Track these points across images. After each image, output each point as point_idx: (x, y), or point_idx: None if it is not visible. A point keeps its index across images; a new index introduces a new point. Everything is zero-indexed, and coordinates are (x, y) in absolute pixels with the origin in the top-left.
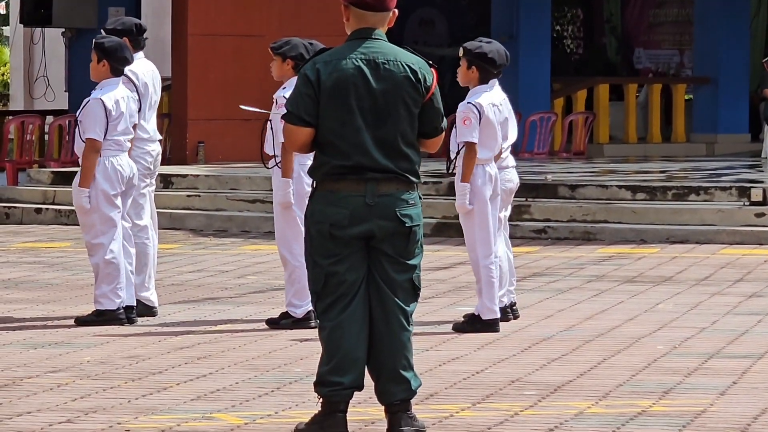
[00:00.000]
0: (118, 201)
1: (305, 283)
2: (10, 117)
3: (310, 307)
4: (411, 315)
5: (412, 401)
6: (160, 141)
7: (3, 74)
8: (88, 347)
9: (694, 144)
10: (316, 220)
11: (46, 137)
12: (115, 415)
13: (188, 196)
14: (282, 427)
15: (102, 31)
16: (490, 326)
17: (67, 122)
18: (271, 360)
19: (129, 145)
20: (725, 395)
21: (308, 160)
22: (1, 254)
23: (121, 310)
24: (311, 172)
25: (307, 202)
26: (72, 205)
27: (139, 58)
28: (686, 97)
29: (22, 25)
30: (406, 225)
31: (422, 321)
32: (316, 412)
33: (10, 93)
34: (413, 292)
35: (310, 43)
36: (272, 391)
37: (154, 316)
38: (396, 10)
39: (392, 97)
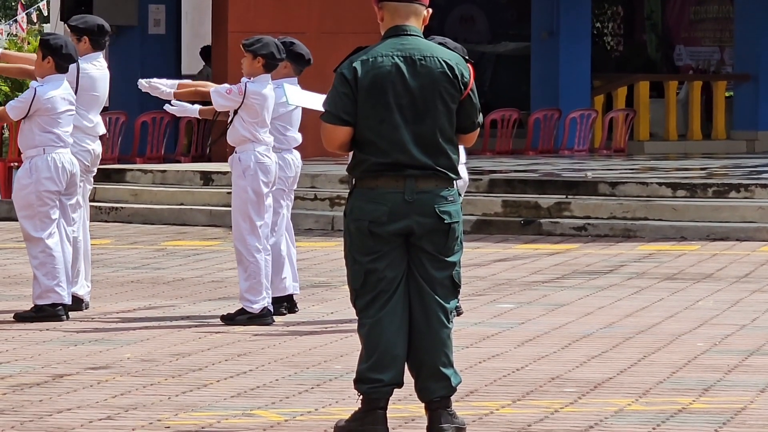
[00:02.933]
0: (58, 198)
1: (261, 279)
2: None
3: (266, 304)
4: (451, 312)
5: (452, 398)
6: (102, 137)
7: None
8: (129, 344)
9: (735, 141)
10: (355, 217)
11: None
12: (156, 412)
13: (228, 193)
14: (322, 424)
15: (66, 25)
16: None
17: (107, 119)
18: (311, 357)
19: (71, 140)
20: (765, 392)
21: (265, 156)
22: None
23: (61, 306)
24: (350, 170)
25: (256, 199)
26: (112, 203)
27: (97, 58)
28: (727, 94)
29: (62, 23)
30: (446, 222)
31: (462, 318)
32: (356, 409)
33: None
34: (453, 289)
35: (292, 42)
36: (312, 388)
37: (81, 310)
38: (430, 9)
39: (430, 93)
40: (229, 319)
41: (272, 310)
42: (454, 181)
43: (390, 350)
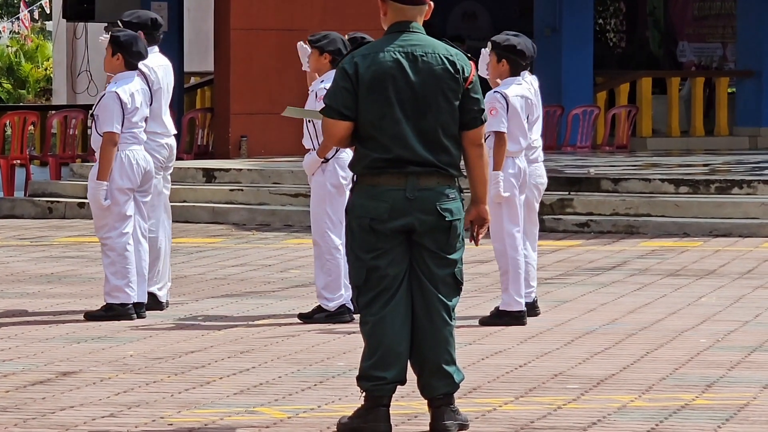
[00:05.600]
0: (132, 195)
1: (338, 277)
2: (53, 112)
3: (343, 301)
4: (453, 309)
5: (455, 395)
6: (174, 135)
7: (46, 69)
8: (131, 341)
9: (737, 137)
10: (357, 215)
11: (89, 132)
12: (158, 409)
13: (231, 190)
14: (325, 421)
15: (119, 22)
16: (518, 319)
17: None
18: (313, 354)
19: (144, 137)
20: None
21: (342, 152)
22: (44, 249)
23: (131, 305)
24: (351, 166)
25: (336, 192)
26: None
27: (154, 52)
28: (729, 90)
29: (65, 20)
30: (447, 219)
31: (465, 315)
32: (359, 406)
33: (53, 88)
34: (455, 286)
35: (362, 38)
36: (315, 385)
37: (161, 309)
38: (431, 3)
39: (431, 88)
40: (306, 318)
41: (351, 309)
42: (456, 179)
43: (393, 348)
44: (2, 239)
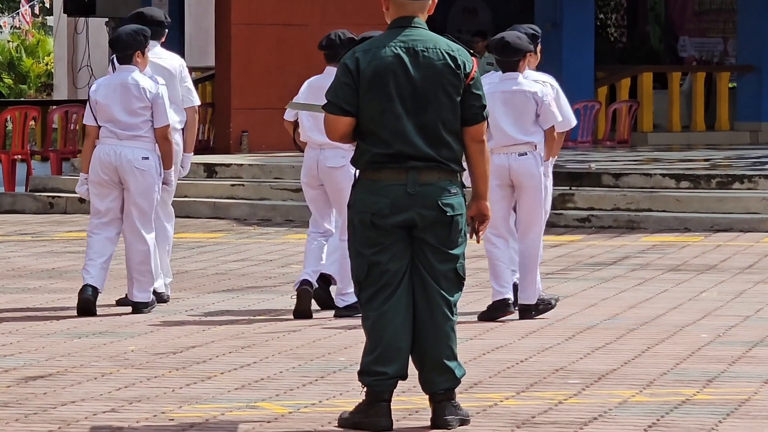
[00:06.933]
0: (101, 190)
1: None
2: (54, 107)
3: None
4: (455, 305)
5: (456, 390)
6: (180, 131)
7: (47, 64)
8: (132, 336)
9: (738, 132)
10: (358, 210)
11: None
12: (159, 405)
13: (232, 185)
14: (326, 416)
15: (129, 18)
16: (501, 309)
17: None
18: (315, 349)
19: (125, 133)
20: None
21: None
22: (45, 244)
23: (89, 286)
24: (354, 162)
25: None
26: None
27: (153, 48)
28: (730, 85)
29: (65, 15)
30: (448, 214)
31: (466, 310)
32: (360, 401)
33: (54, 83)
34: (457, 281)
35: (342, 34)
36: (316, 380)
37: (164, 302)
38: None
39: (432, 84)
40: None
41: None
42: (458, 174)
43: (394, 343)
44: (3, 234)
